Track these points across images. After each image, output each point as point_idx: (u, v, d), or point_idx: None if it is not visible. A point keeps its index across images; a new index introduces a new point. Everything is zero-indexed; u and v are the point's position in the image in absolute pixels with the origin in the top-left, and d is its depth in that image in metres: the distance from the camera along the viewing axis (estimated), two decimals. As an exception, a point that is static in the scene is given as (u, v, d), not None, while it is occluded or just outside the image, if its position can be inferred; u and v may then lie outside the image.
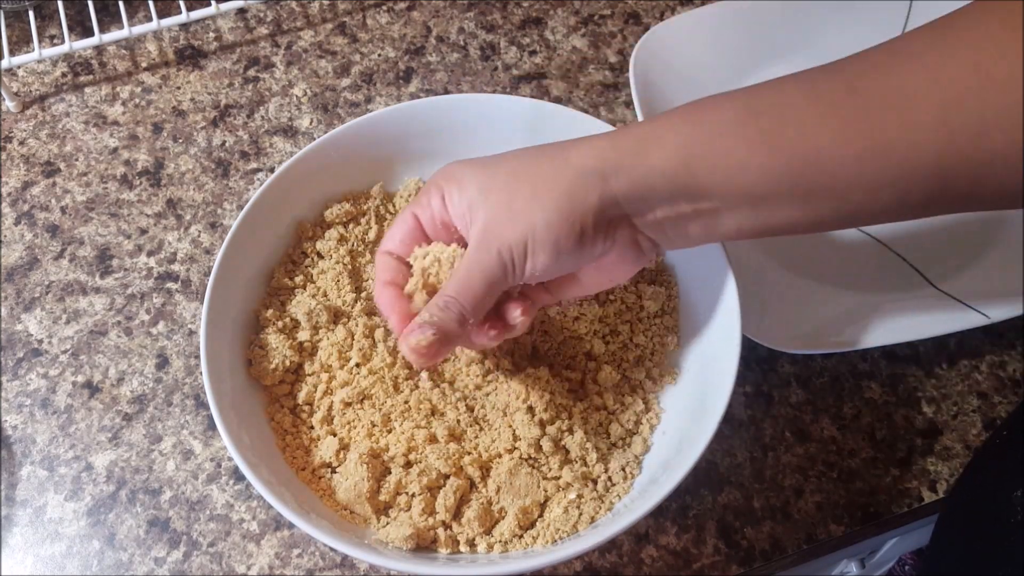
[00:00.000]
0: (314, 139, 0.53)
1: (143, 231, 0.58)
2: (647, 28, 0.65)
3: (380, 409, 0.45)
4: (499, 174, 0.40)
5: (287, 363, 0.46)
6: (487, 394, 0.47)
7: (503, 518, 0.43)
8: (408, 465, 0.44)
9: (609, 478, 0.44)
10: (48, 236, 0.57)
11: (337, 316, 0.49)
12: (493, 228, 0.39)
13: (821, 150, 0.35)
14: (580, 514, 0.43)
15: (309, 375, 0.47)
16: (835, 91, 0.35)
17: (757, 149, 0.36)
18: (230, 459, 0.49)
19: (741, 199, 0.37)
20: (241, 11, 0.68)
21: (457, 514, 0.43)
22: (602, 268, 0.41)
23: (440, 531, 0.43)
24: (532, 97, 0.62)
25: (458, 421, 0.45)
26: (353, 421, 0.45)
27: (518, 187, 0.39)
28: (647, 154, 0.37)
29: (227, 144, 0.61)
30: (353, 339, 0.47)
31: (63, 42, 0.62)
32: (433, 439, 0.44)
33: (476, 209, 0.39)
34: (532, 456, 0.44)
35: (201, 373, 0.44)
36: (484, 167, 0.40)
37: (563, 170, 0.38)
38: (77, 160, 0.61)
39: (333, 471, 0.45)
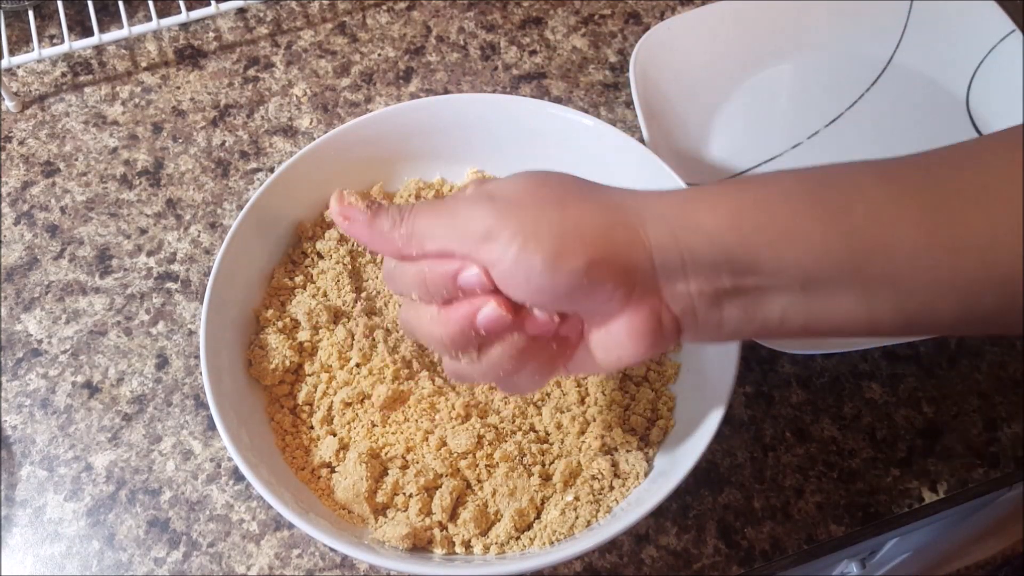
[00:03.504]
0: (314, 139, 0.53)
1: (143, 231, 0.58)
2: (647, 28, 0.65)
3: (380, 409, 0.45)
4: (523, 179, 0.35)
5: (287, 363, 0.46)
6: (487, 395, 0.47)
7: (499, 520, 0.43)
8: (406, 465, 0.44)
9: (608, 480, 0.44)
10: (48, 236, 0.57)
11: (337, 316, 0.49)
12: (498, 197, 0.33)
13: (891, 234, 0.31)
14: (577, 517, 0.43)
15: (309, 375, 0.47)
16: (910, 176, 0.32)
17: (820, 221, 0.31)
18: (230, 459, 0.49)
19: (793, 279, 0.32)
20: (241, 11, 0.68)
21: (453, 515, 0.43)
22: (611, 337, 0.34)
23: (436, 531, 0.42)
24: (532, 97, 0.62)
25: (458, 421, 0.45)
26: (353, 421, 0.45)
27: (542, 191, 0.34)
28: (694, 210, 0.32)
29: (227, 144, 0.61)
30: (353, 339, 0.47)
31: (63, 42, 0.62)
32: (431, 439, 0.44)
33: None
34: (529, 458, 0.44)
35: (201, 373, 0.44)
36: (509, 176, 0.36)
37: (598, 197, 0.34)
38: (77, 160, 0.61)
39: (332, 471, 0.45)
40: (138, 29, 0.63)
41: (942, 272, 0.31)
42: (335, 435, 0.45)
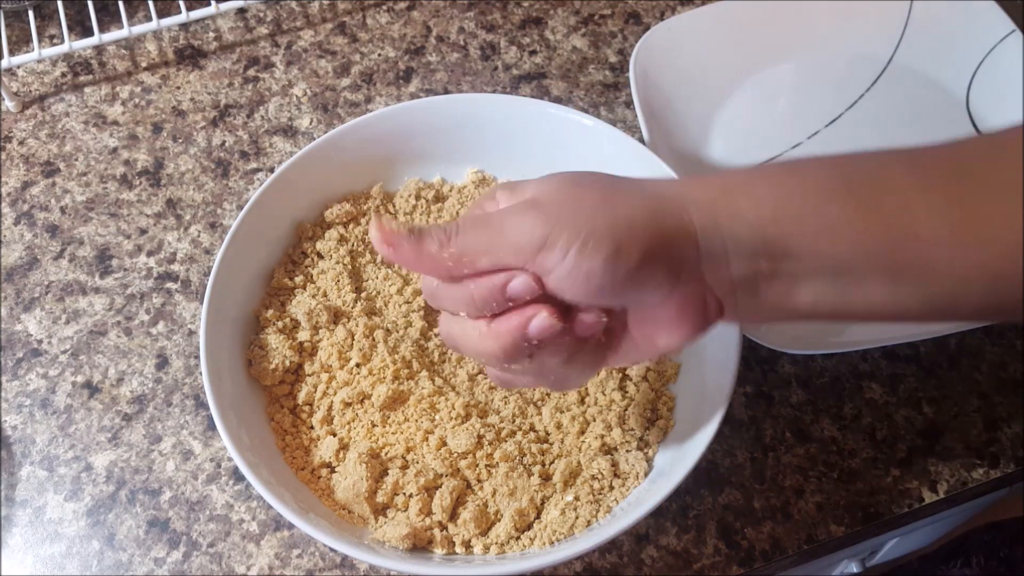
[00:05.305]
0: (314, 139, 0.53)
1: (143, 231, 0.58)
2: (647, 28, 0.65)
3: (380, 409, 0.45)
4: (558, 181, 0.35)
5: (287, 363, 0.46)
6: (487, 395, 0.47)
7: (499, 520, 0.43)
8: (406, 466, 0.44)
9: (608, 480, 0.44)
10: (48, 236, 0.57)
11: (337, 316, 0.49)
12: (543, 202, 0.33)
13: (920, 227, 0.32)
14: (577, 517, 0.43)
15: (309, 375, 0.47)
16: (939, 168, 0.33)
17: (854, 214, 0.32)
18: (230, 459, 0.49)
19: (826, 266, 0.33)
20: (241, 11, 0.68)
21: (453, 515, 0.43)
22: (657, 323, 0.35)
23: (436, 531, 0.43)
24: (532, 97, 0.62)
25: (458, 421, 0.45)
26: (353, 421, 0.45)
27: (584, 192, 0.34)
28: (735, 200, 0.33)
29: (227, 144, 0.61)
30: (353, 339, 0.47)
31: (63, 42, 0.62)
32: (431, 439, 0.44)
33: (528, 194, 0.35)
34: (529, 458, 0.44)
35: (201, 373, 0.44)
36: (540, 179, 0.36)
37: (637, 189, 0.34)
38: (77, 160, 0.61)
39: (332, 471, 0.45)
40: (138, 29, 0.63)
41: (968, 264, 0.32)
42: (335, 435, 0.45)
